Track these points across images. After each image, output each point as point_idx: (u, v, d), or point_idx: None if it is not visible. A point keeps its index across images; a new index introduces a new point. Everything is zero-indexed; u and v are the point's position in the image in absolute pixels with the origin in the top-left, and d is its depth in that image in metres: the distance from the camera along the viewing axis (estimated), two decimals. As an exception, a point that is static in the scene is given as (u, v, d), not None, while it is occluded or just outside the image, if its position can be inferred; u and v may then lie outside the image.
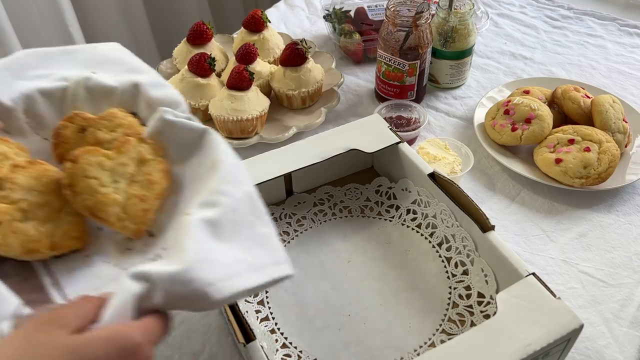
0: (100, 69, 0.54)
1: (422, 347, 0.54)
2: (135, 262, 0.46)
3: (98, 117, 0.51)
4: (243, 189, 0.45)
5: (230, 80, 0.78)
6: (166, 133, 0.49)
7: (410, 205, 0.67)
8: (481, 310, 0.57)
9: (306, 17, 1.14)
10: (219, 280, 0.38)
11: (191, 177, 0.49)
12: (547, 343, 0.45)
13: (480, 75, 0.97)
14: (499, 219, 0.71)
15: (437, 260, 0.62)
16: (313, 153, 0.64)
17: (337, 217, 0.68)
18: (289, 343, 0.55)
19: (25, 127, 0.52)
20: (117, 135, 0.50)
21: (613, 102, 0.78)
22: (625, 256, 0.66)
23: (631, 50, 1.02)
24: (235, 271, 0.39)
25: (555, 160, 0.73)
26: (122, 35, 1.51)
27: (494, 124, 0.80)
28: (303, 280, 0.61)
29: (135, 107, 0.53)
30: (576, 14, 1.12)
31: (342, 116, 0.88)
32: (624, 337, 0.58)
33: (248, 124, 0.77)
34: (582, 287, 0.63)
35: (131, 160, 0.48)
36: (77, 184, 0.45)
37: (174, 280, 0.37)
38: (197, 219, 0.41)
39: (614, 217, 0.71)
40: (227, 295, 0.38)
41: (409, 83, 0.85)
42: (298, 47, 0.83)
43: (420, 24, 0.80)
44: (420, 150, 0.75)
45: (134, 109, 0.53)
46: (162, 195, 0.48)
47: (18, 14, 1.23)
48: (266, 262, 0.42)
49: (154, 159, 0.48)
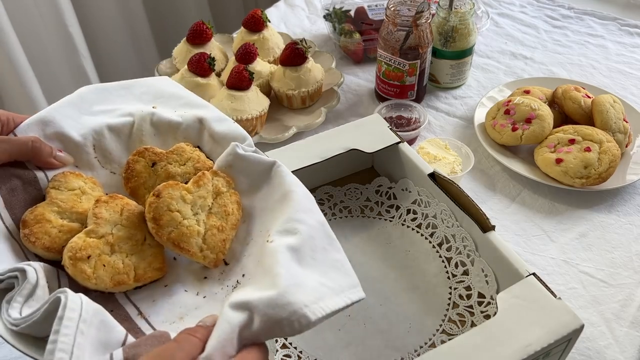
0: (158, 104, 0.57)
1: (422, 348, 0.54)
2: (214, 290, 0.48)
3: (167, 152, 0.53)
4: (315, 217, 0.47)
5: (230, 80, 0.78)
6: (236, 166, 0.51)
7: (411, 205, 0.67)
8: (481, 310, 0.56)
9: (306, 17, 1.14)
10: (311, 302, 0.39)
11: (261, 207, 0.51)
12: (547, 343, 0.45)
13: (481, 75, 0.96)
14: (500, 219, 0.71)
15: (437, 260, 0.62)
16: (313, 153, 0.64)
17: (337, 217, 0.68)
18: (288, 343, 0.55)
19: (94, 161, 0.54)
20: (187, 168, 0.53)
21: (614, 102, 0.78)
22: (626, 256, 0.66)
23: (632, 50, 1.02)
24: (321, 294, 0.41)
25: (555, 160, 0.73)
26: (122, 35, 1.51)
27: (494, 124, 0.79)
28: (303, 281, 0.61)
29: (199, 141, 0.56)
30: (577, 13, 1.12)
31: (342, 116, 0.88)
32: (624, 338, 0.58)
33: (248, 123, 0.77)
34: (583, 287, 0.63)
35: (208, 193, 0.50)
36: (162, 217, 0.47)
37: (273, 305, 0.38)
38: (281, 245, 0.43)
39: (615, 217, 0.71)
40: (320, 316, 0.39)
41: (409, 83, 0.85)
42: (298, 46, 0.83)
43: (421, 24, 0.80)
44: (421, 150, 0.74)
45: (198, 143, 0.56)
46: (237, 225, 0.50)
47: (18, 14, 1.23)
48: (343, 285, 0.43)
49: (228, 191, 0.51)
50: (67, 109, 0.54)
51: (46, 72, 1.34)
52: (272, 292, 0.39)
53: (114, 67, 1.52)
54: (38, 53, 1.31)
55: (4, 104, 1.30)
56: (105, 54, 1.50)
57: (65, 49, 1.35)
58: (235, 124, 0.55)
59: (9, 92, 1.26)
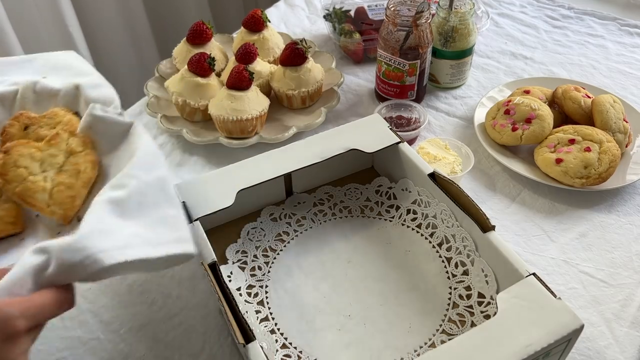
0: (51, 74, 0.61)
1: (422, 348, 0.54)
2: None
3: (40, 116, 0.57)
4: (155, 174, 0.49)
5: (230, 80, 0.78)
6: (95, 128, 0.54)
7: (411, 205, 0.67)
8: (481, 310, 0.56)
9: (306, 17, 1.14)
10: (111, 249, 0.41)
11: (115, 166, 0.53)
12: (547, 343, 0.45)
13: (481, 75, 0.96)
14: (500, 219, 0.71)
15: (437, 260, 0.62)
16: (313, 153, 0.64)
17: (337, 217, 0.68)
18: (288, 343, 0.55)
19: None
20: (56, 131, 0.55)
21: (614, 102, 0.78)
22: (626, 256, 0.66)
23: (632, 50, 1.02)
24: (130, 243, 0.42)
25: (555, 160, 0.73)
26: (122, 35, 1.51)
27: (494, 124, 0.79)
28: (303, 281, 0.61)
29: (77, 106, 0.59)
30: (577, 13, 1.12)
31: (342, 116, 0.88)
32: (624, 338, 0.58)
33: (248, 123, 0.77)
34: (583, 287, 0.63)
35: (61, 152, 0.53)
36: (8, 172, 0.51)
37: (67, 249, 0.39)
38: (102, 199, 0.45)
39: (615, 217, 0.71)
40: (118, 261, 0.40)
41: (409, 83, 0.85)
42: (298, 46, 0.83)
43: (421, 24, 0.80)
44: (421, 150, 0.74)
45: (76, 108, 0.59)
46: (89, 183, 0.53)
47: (18, 14, 1.23)
48: (167, 239, 0.45)
49: (83, 150, 0.53)
50: None
51: (46, 72, 1.34)
52: (71, 238, 0.40)
53: (114, 67, 1.52)
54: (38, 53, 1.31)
55: (4, 104, 1.30)
56: (105, 54, 1.49)
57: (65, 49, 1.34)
58: (109, 88, 0.58)
59: (9, 92, 1.26)
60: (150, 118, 0.85)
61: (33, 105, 0.59)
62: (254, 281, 0.61)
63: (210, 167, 0.79)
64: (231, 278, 0.60)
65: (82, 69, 0.62)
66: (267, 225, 0.67)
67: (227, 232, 0.65)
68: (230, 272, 0.61)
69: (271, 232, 0.66)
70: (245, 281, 0.61)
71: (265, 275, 0.61)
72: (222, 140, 0.79)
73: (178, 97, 0.81)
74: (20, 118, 0.57)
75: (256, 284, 0.60)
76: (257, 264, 0.62)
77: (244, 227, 0.66)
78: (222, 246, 0.63)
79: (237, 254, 0.63)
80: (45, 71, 0.62)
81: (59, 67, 0.63)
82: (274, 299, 0.59)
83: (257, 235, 0.65)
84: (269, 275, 0.61)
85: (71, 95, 0.59)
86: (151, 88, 0.88)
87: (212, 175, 0.63)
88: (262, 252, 0.64)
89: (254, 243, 0.65)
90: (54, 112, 0.57)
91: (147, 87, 0.88)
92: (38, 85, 0.59)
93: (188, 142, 0.81)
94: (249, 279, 0.61)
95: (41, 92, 0.59)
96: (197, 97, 0.80)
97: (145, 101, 0.86)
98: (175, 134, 0.82)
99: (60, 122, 0.56)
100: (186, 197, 0.59)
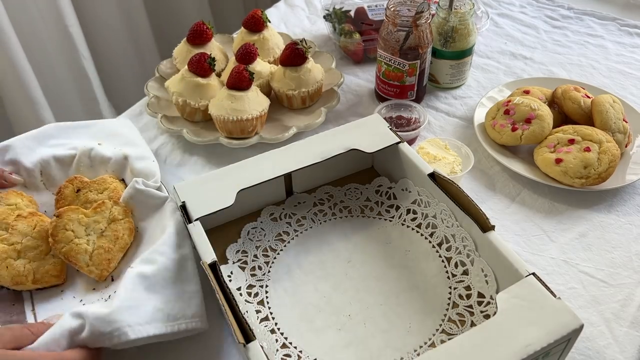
0: (106, 141, 0.71)
1: (422, 347, 0.54)
2: (93, 299, 0.58)
3: (92, 181, 0.66)
4: (180, 252, 0.57)
5: (230, 80, 0.78)
6: (136, 198, 0.63)
7: (410, 205, 0.67)
8: (481, 310, 0.56)
9: (306, 17, 1.14)
10: (137, 324, 0.49)
11: (148, 236, 0.62)
12: (547, 343, 0.45)
13: (481, 75, 0.96)
14: (499, 219, 0.71)
15: (437, 260, 0.62)
16: (313, 153, 0.64)
17: (337, 217, 0.68)
18: (289, 343, 0.55)
19: (40, 184, 0.68)
20: (103, 197, 0.64)
21: (613, 102, 0.78)
22: (626, 256, 0.66)
23: (631, 50, 1.02)
24: (152, 318, 0.50)
25: (555, 160, 0.73)
26: (122, 35, 1.51)
27: (494, 124, 0.79)
28: (303, 280, 0.61)
29: (123, 174, 0.69)
30: (576, 13, 1.12)
31: (342, 116, 0.88)
32: (624, 337, 0.58)
33: (248, 123, 0.77)
34: (583, 287, 0.63)
35: (104, 219, 0.61)
36: (58, 234, 0.59)
37: (101, 320, 0.47)
38: (134, 272, 0.53)
39: (614, 217, 0.71)
40: (140, 336, 0.49)
41: (409, 83, 0.85)
42: (298, 47, 0.83)
43: (421, 24, 0.80)
44: (420, 150, 0.75)
45: (122, 175, 0.69)
46: (125, 248, 0.61)
47: (18, 14, 1.23)
48: (183, 315, 0.53)
49: (123, 219, 0.62)
50: (28, 140, 0.69)
51: (46, 73, 1.34)
52: (106, 310, 0.48)
53: (114, 67, 1.52)
54: (38, 53, 1.31)
55: (4, 104, 1.31)
56: (106, 54, 1.50)
57: (65, 49, 1.35)
58: (152, 162, 0.68)
59: (9, 92, 1.27)
60: (150, 118, 0.86)
61: (87, 169, 0.69)
62: (254, 281, 0.61)
63: (210, 167, 0.79)
64: (231, 278, 0.61)
65: (133, 139, 0.73)
66: (267, 225, 0.67)
67: (227, 232, 0.66)
68: (230, 271, 0.61)
69: (271, 232, 0.66)
70: (245, 281, 0.61)
71: (265, 275, 0.62)
72: (222, 140, 0.79)
73: (178, 97, 0.81)
74: (74, 181, 0.65)
75: (256, 283, 0.61)
76: (258, 264, 0.62)
77: (244, 227, 0.66)
78: (223, 246, 0.64)
79: (238, 254, 0.63)
80: (101, 137, 0.72)
81: (113, 135, 0.73)
82: (274, 299, 0.59)
83: (257, 235, 0.65)
84: (269, 275, 0.62)
85: (120, 164, 0.68)
86: (151, 88, 0.88)
87: (212, 175, 0.63)
88: (262, 252, 0.64)
89: (254, 243, 0.65)
90: (103, 178, 0.66)
91: (148, 87, 0.88)
92: (93, 152, 0.69)
93: (188, 142, 0.81)
94: (249, 279, 0.61)
95: (95, 158, 0.69)
96: (198, 97, 0.81)
97: (146, 101, 0.86)
98: (176, 134, 0.82)
99: (107, 189, 0.65)
100: (186, 197, 0.59)
